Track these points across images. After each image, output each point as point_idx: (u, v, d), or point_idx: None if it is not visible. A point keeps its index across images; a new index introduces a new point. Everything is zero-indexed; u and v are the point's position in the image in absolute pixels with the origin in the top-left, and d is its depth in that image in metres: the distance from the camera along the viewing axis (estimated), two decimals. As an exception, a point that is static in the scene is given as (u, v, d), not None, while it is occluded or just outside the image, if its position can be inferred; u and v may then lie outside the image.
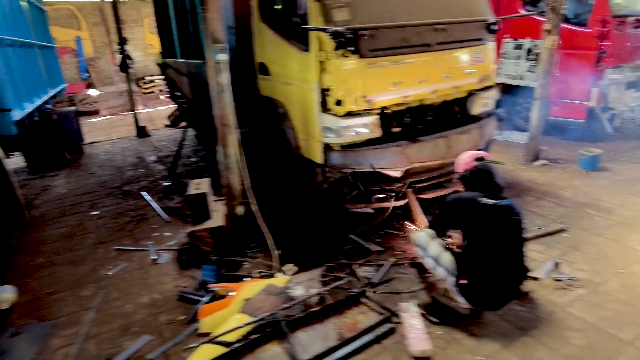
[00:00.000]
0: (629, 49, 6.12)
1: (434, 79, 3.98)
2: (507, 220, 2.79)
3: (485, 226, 2.78)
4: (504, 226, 2.79)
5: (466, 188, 3.00)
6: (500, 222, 2.78)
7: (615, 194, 4.67)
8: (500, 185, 2.89)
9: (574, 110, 6.46)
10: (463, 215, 2.83)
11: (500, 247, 2.76)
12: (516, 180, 5.22)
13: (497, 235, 2.76)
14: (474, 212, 2.79)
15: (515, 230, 2.83)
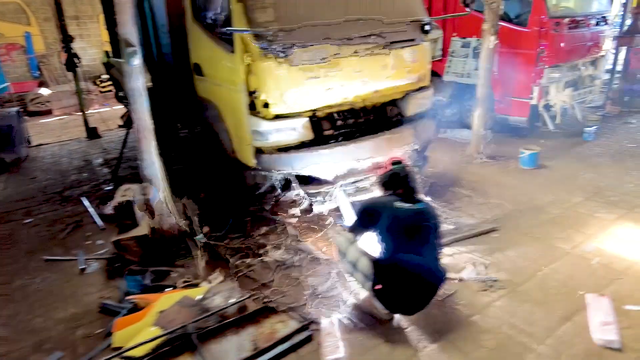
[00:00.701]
0: (566, 49, 6.24)
1: (366, 81, 3.94)
2: (420, 224, 2.77)
3: (397, 230, 2.75)
4: (417, 230, 2.77)
5: (383, 192, 2.97)
6: (414, 226, 2.76)
7: (549, 192, 4.75)
8: (415, 188, 2.87)
9: (517, 108, 6.56)
10: (378, 219, 2.80)
11: (413, 251, 2.74)
12: (457, 179, 5.26)
13: (410, 239, 2.73)
14: (388, 216, 2.76)
15: (429, 234, 2.81)
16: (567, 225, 4.02)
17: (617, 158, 5.67)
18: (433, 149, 6.42)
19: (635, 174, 5.09)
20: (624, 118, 7.55)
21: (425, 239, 2.78)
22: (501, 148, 6.26)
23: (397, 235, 2.74)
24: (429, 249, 2.81)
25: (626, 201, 4.43)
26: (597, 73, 7.08)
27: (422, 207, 2.79)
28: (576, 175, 5.17)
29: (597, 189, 4.77)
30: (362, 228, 2.95)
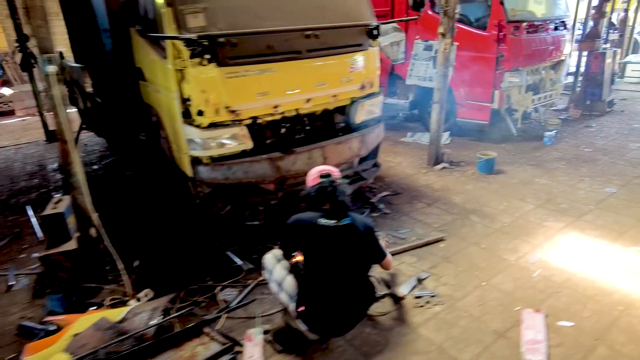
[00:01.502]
0: (526, 53, 6.19)
1: (307, 88, 3.79)
2: (345, 242, 2.62)
3: (320, 249, 2.60)
4: (341, 248, 2.62)
5: (309, 207, 2.81)
6: (337, 244, 2.61)
7: (503, 199, 4.68)
8: (342, 204, 2.71)
9: (478, 112, 6.49)
10: (301, 237, 2.65)
11: (337, 270, 2.59)
12: (412, 186, 5.15)
13: (333, 259, 2.59)
14: (311, 234, 2.61)
15: (355, 251, 2.66)
16: (516, 234, 3.93)
17: (573, 163, 5.63)
18: (394, 153, 6.38)
19: (587, 181, 5.05)
20: (585, 121, 7.56)
21: (352, 257, 2.64)
22: (462, 153, 6.19)
23: (321, 254, 2.59)
24: (356, 268, 2.67)
25: (575, 208, 4.37)
26: (558, 77, 7.06)
27: (349, 223, 2.64)
28: (531, 181, 5.11)
29: (549, 195, 4.71)
30: (288, 246, 2.80)
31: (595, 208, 4.38)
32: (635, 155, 5.85)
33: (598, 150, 6.10)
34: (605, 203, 4.48)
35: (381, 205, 4.58)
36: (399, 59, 7.14)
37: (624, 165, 5.51)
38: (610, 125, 7.34)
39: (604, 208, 4.37)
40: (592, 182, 5.02)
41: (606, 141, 6.51)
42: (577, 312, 2.91)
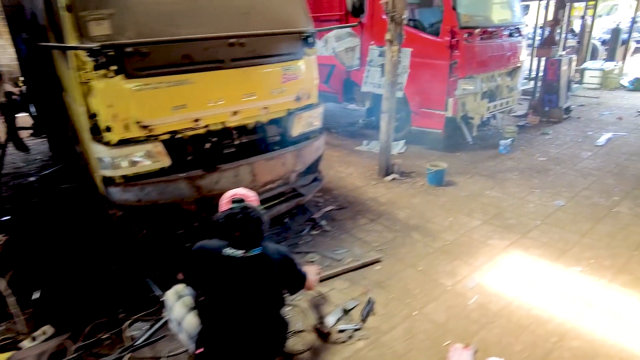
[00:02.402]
0: (479, 60, 6.01)
1: (232, 100, 3.47)
2: (253, 275, 2.32)
3: (224, 283, 2.29)
4: (248, 282, 2.32)
5: (216, 235, 2.50)
6: (244, 277, 2.30)
7: (449, 214, 4.46)
8: (254, 232, 2.41)
9: (433, 120, 6.29)
10: (203, 268, 2.33)
11: (242, 307, 2.29)
12: (359, 199, 4.89)
13: (238, 294, 2.28)
14: (214, 266, 2.29)
15: (265, 285, 2.36)
16: (457, 254, 3.70)
17: (526, 174, 5.47)
18: (347, 163, 6.12)
19: (538, 193, 4.88)
20: (542, 129, 7.45)
21: (261, 291, 2.34)
22: (415, 162, 5.97)
23: (223, 289, 2.28)
24: (265, 303, 2.37)
25: (522, 224, 4.17)
26: (515, 84, 6.92)
27: (259, 253, 2.33)
28: (481, 194, 4.91)
29: (498, 209, 4.51)
30: (190, 280, 2.48)
31: (542, 223, 4.19)
32: (586, 165, 5.72)
33: (551, 160, 5.95)
34: (553, 217, 4.30)
35: (323, 222, 4.30)
36: (354, 65, 6.90)
37: (574, 175, 5.36)
38: (566, 132, 7.24)
39: (550, 223, 4.19)
40: (542, 194, 4.85)
41: (560, 149, 6.38)
42: (509, 346, 2.68)
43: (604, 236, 3.92)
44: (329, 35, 7.04)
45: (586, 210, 4.44)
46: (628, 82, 10.58)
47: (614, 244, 3.80)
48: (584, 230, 4.03)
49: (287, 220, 4.33)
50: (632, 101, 9.39)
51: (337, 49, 6.91)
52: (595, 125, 7.61)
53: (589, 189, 4.95)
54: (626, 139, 6.79)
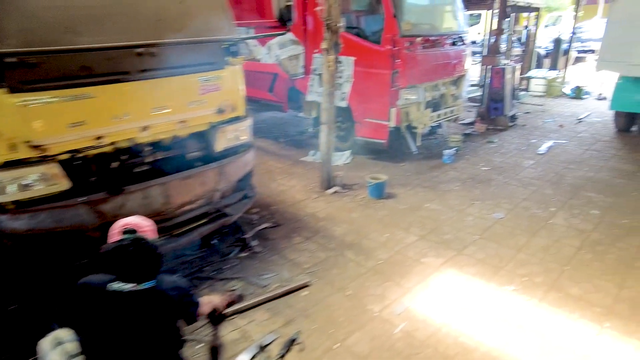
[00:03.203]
0: (422, 69, 5.89)
1: (141, 115, 3.12)
2: (144, 312, 1.98)
3: (110, 323, 1.95)
4: (137, 320, 1.98)
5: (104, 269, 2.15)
6: (132, 315, 1.97)
7: (386, 229, 4.26)
8: (147, 265, 2.07)
9: (376, 131, 6.11)
10: (86, 308, 1.98)
11: (133, 349, 1.96)
12: (297, 215, 4.62)
13: (127, 334, 1.94)
14: (98, 304, 1.95)
15: (159, 322, 2.04)
16: (389, 275, 3.49)
17: (468, 185, 5.37)
18: (290, 175, 5.85)
19: (478, 205, 4.77)
20: (489, 137, 7.44)
21: (154, 330, 2.00)
22: (359, 173, 5.77)
23: (112, 329, 1.94)
24: (161, 343, 2.04)
25: (459, 239, 4.02)
26: (459, 92, 6.86)
27: (151, 287, 2.00)
28: (421, 207, 4.75)
29: (436, 223, 4.35)
30: (72, 322, 2.12)
31: (480, 238, 4.06)
32: (528, 174, 5.70)
33: (494, 169, 5.90)
34: (490, 231, 4.18)
35: (253, 243, 4.00)
36: (299, 74, 6.66)
37: (515, 185, 5.31)
38: (511, 140, 7.27)
39: (487, 238, 4.06)
40: (482, 206, 4.74)
41: (504, 158, 6.36)
42: (433, 381, 2.47)
43: (539, 250, 3.82)
44: (272, 43, 6.79)
45: (524, 222, 4.35)
46: (570, 90, 10.87)
47: (547, 258, 3.70)
48: (520, 245, 3.92)
49: (216, 241, 4.00)
50: (573, 109, 9.62)
51: (281, 57, 6.67)
52: (539, 133, 7.68)
53: (528, 200, 4.89)
54: (566, 147, 6.86)
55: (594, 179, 5.49)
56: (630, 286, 3.31)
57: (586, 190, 5.14)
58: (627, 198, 4.89)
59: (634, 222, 4.33)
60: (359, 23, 6.22)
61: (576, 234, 4.10)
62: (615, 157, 6.39)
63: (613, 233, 4.11)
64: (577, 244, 3.92)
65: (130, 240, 2.04)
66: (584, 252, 3.78)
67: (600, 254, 3.75)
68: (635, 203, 4.76)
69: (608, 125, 8.06)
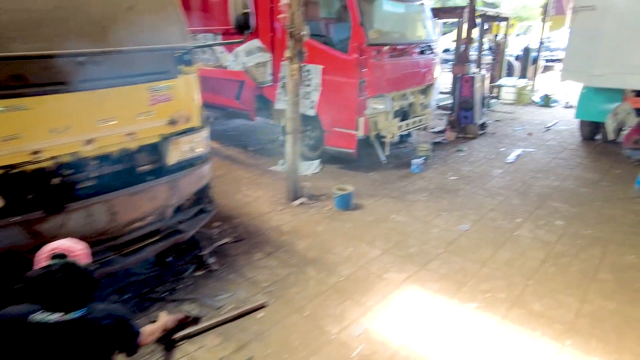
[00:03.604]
0: (389, 78, 5.82)
1: (83, 127, 2.91)
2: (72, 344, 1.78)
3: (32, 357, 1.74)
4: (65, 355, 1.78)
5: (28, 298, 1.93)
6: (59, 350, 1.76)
7: (351, 242, 4.13)
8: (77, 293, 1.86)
9: (345, 140, 6.00)
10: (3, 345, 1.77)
11: None
12: (260, 229, 4.45)
13: None
14: (18, 339, 1.74)
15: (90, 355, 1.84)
16: (350, 293, 3.36)
17: (435, 195, 5.30)
18: (257, 185, 5.67)
19: (444, 216, 4.70)
20: (458, 145, 7.43)
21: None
22: (327, 184, 5.64)
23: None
24: None
25: (424, 253, 3.93)
26: (428, 101, 6.83)
27: (81, 317, 1.79)
28: (387, 218, 4.64)
29: (401, 236, 4.25)
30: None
31: (444, 251, 3.97)
32: (495, 183, 5.67)
33: (462, 178, 5.86)
34: (456, 244, 4.10)
35: (211, 260, 3.80)
36: (267, 81, 6.50)
37: (483, 195, 5.27)
38: (480, 149, 7.27)
39: (452, 251, 3.97)
40: (449, 217, 4.67)
41: (472, 167, 6.33)
42: (388, 410, 2.33)
43: (503, 264, 3.75)
44: (239, 50, 6.62)
45: (489, 234, 4.29)
46: (539, 98, 11.03)
47: (512, 272, 3.63)
48: (485, 258, 3.84)
49: (171, 259, 3.79)
50: (542, 117, 9.75)
51: (248, 64, 6.50)
52: (508, 141, 7.72)
53: (495, 210, 4.85)
54: (534, 155, 6.89)
55: (560, 188, 5.50)
56: (591, 300, 3.26)
57: (552, 199, 5.14)
58: (591, 207, 4.90)
59: (597, 232, 4.32)
60: (327, 31, 6.11)
61: (541, 245, 4.06)
62: (581, 165, 6.45)
63: (576, 244, 4.08)
64: (541, 256, 3.87)
65: (59, 265, 1.84)
66: (548, 265, 3.73)
67: (563, 267, 3.70)
68: (598, 213, 4.77)
69: (574, 133, 8.17)
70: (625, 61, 6.26)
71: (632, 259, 3.84)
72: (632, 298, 3.28)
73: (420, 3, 6.66)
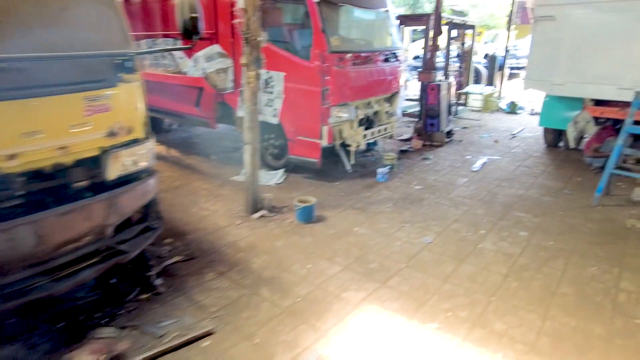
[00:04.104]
0: (353, 86, 5.68)
1: (6, 141, 2.62)
2: None
3: None
4: None
5: None
6: None
7: (310, 259, 3.93)
8: None
9: (309, 149, 5.81)
10: None
11: None
12: (215, 245, 4.20)
13: None
14: None
15: None
16: (305, 316, 3.15)
17: (399, 205, 5.17)
18: (216, 197, 5.41)
19: (407, 228, 4.56)
20: (425, 153, 7.37)
21: None
22: (291, 194, 5.43)
23: None
24: None
25: (384, 269, 3.76)
26: (394, 109, 6.73)
27: None
28: (349, 232, 4.47)
29: (362, 250, 4.08)
30: None
31: (406, 267, 3.82)
32: (460, 192, 5.60)
33: (427, 188, 5.76)
34: (417, 258, 3.96)
35: (158, 281, 3.52)
36: (228, 88, 6.26)
37: (447, 206, 5.17)
38: (446, 157, 7.22)
39: (414, 266, 3.83)
40: (412, 229, 4.54)
41: (438, 176, 6.25)
42: None
43: (466, 279, 3.63)
44: (198, 55, 6.37)
45: (452, 247, 4.17)
46: (505, 105, 11.16)
47: (474, 288, 3.51)
48: (447, 273, 3.71)
49: (115, 281, 3.49)
50: (508, 124, 9.84)
51: (208, 70, 6.25)
52: (474, 149, 7.71)
53: (458, 221, 4.75)
54: (499, 163, 6.89)
55: (524, 197, 5.47)
56: (552, 317, 3.16)
57: (516, 209, 5.09)
58: (554, 217, 4.87)
59: (559, 243, 4.26)
60: (289, 37, 5.92)
61: (504, 259, 3.96)
62: (544, 173, 6.47)
63: (539, 257, 4.01)
64: (504, 270, 3.77)
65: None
66: (511, 280, 3.62)
67: (526, 281, 3.61)
68: (560, 222, 4.74)
69: (539, 141, 8.25)
70: (584, 71, 6.32)
71: (593, 270, 3.78)
72: (593, 313, 3.20)
73: (385, 10, 6.55)
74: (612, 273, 3.74)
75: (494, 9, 26.56)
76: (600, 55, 6.18)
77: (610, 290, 3.49)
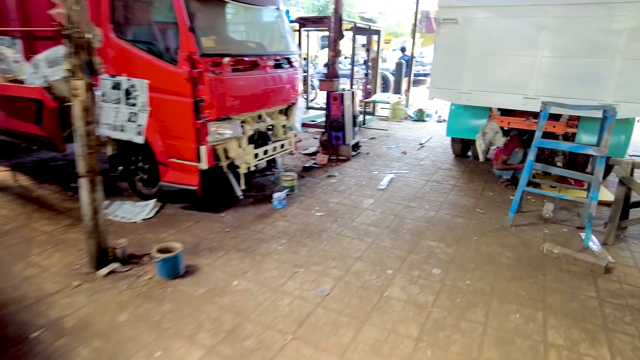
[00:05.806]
0: (236, 96, 4.59)
1: None
2: None
3: None
4: None
5: None
6: None
7: (162, 340, 2.77)
8: None
9: (185, 174, 4.63)
10: None
11: None
12: (27, 328, 2.87)
13: None
14: None
15: None
16: None
17: (296, 241, 4.20)
18: (56, 244, 4.01)
19: (301, 274, 3.59)
20: (330, 169, 6.52)
21: None
22: (162, 234, 4.26)
23: None
24: None
25: (264, 346, 2.74)
26: (291, 123, 5.75)
27: None
28: (225, 288, 3.39)
29: (238, 318, 3.02)
30: None
31: (293, 338, 2.83)
32: (365, 218, 4.78)
33: (330, 214, 4.87)
34: (309, 323, 2.99)
35: None
36: (79, 100, 4.84)
37: (350, 237, 4.30)
38: (352, 173, 6.43)
39: (303, 337, 2.85)
40: (306, 276, 3.58)
41: (342, 197, 5.41)
42: None
43: (368, 351, 2.72)
44: (38, 59, 4.91)
45: (353, 300, 3.27)
46: (413, 113, 10.80)
47: (378, 367, 2.61)
48: (344, 345, 2.78)
49: None
50: (416, 132, 9.42)
51: (52, 78, 4.82)
52: (382, 162, 7.04)
53: (362, 259, 3.88)
54: (407, 178, 6.23)
55: (435, 220, 4.78)
56: (478, 403, 2.36)
57: (427, 237, 4.36)
58: (468, 246, 4.21)
59: (476, 282, 3.56)
60: (152, 37, 4.69)
61: (415, 312, 3.14)
62: (455, 188, 5.92)
63: (456, 304, 3.25)
64: (415, 332, 2.93)
65: None
66: (424, 347, 2.78)
67: (442, 347, 2.79)
68: (476, 252, 4.08)
69: (447, 150, 7.85)
70: (489, 79, 5.87)
71: (516, 319, 3.09)
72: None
73: (275, 8, 5.57)
74: (536, 321, 3.08)
75: (401, 17, 27.07)
76: (505, 63, 5.75)
77: (538, 349, 2.80)
